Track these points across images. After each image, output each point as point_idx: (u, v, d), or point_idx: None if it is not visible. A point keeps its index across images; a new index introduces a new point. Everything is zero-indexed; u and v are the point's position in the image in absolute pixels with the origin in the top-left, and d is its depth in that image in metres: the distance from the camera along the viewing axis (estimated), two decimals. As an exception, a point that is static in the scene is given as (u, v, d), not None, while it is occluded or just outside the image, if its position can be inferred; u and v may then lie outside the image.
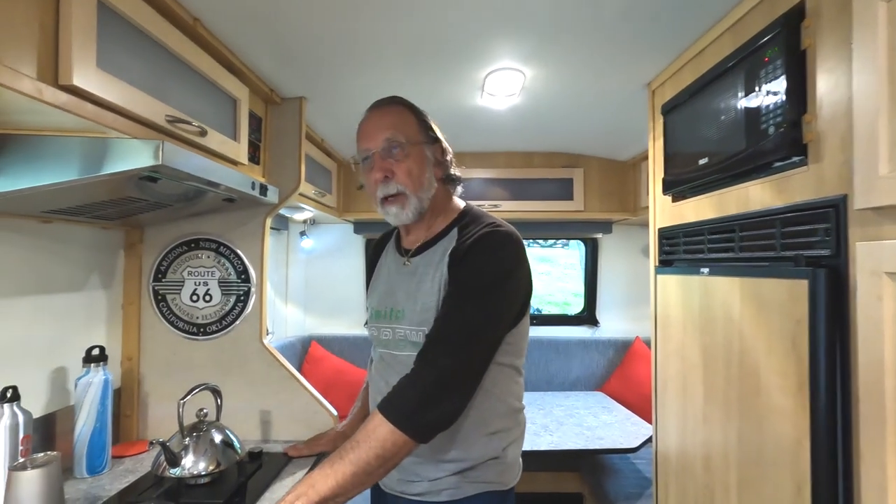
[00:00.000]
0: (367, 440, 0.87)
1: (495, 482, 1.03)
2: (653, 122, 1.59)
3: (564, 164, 2.68)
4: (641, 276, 3.13)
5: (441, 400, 0.90)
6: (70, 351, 1.32)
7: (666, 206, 1.52)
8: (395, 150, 1.02)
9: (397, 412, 0.89)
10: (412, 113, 1.07)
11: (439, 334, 0.94)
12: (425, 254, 1.07)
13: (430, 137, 1.07)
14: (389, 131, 1.02)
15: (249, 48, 1.31)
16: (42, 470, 0.97)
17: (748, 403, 1.05)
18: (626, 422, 2.28)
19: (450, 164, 1.11)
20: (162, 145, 0.88)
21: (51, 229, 1.25)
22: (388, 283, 1.13)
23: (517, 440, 1.09)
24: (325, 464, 0.87)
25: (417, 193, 1.03)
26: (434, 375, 0.90)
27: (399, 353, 1.05)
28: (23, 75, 0.69)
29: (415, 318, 1.02)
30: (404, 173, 1.02)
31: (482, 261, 0.97)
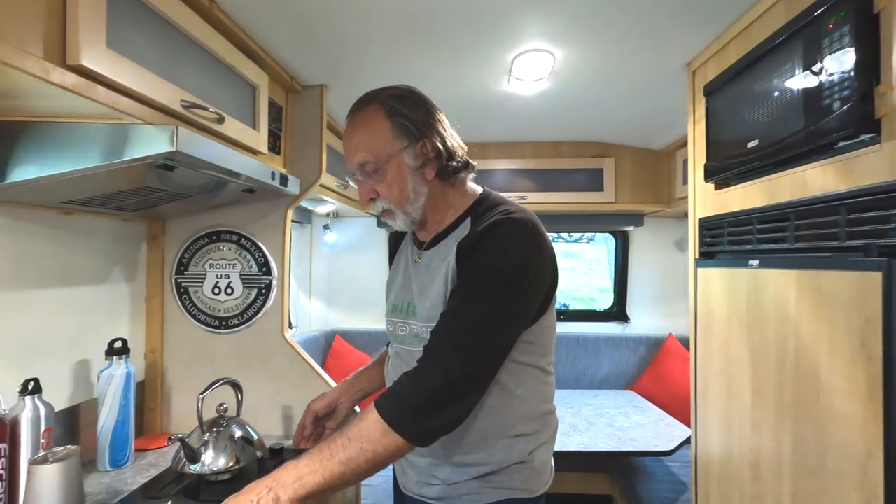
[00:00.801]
0: (360, 440, 0.80)
1: (520, 489, 0.94)
2: (693, 105, 1.49)
3: (594, 153, 2.58)
4: (675, 270, 3.01)
5: (444, 405, 0.83)
6: (93, 343, 1.31)
7: (707, 195, 1.41)
8: (371, 173, 0.96)
9: (395, 413, 0.81)
10: (386, 116, 0.95)
11: (446, 333, 0.87)
12: (437, 247, 1.00)
13: (410, 138, 0.95)
14: (359, 154, 0.95)
15: (268, 32, 1.26)
16: (62, 464, 0.96)
17: (805, 408, 0.96)
18: (659, 423, 2.18)
19: (445, 156, 0.97)
20: (176, 130, 0.84)
21: (72, 221, 1.24)
22: (404, 278, 1.07)
23: (546, 444, 0.99)
24: (314, 455, 0.81)
25: (403, 208, 0.97)
26: (438, 378, 0.82)
27: (413, 349, 0.99)
28: (28, 54, 0.66)
29: (424, 315, 0.96)
30: (385, 191, 0.96)
31: (493, 252, 0.88)
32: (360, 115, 0.97)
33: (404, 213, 0.98)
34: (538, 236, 0.90)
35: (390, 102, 0.96)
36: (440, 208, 1.01)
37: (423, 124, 0.96)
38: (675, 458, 2.28)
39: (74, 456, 0.99)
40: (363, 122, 0.96)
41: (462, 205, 1.01)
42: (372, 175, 0.96)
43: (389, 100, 0.96)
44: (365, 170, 0.96)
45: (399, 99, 0.96)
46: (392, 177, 0.95)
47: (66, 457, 0.97)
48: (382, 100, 0.96)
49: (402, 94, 0.98)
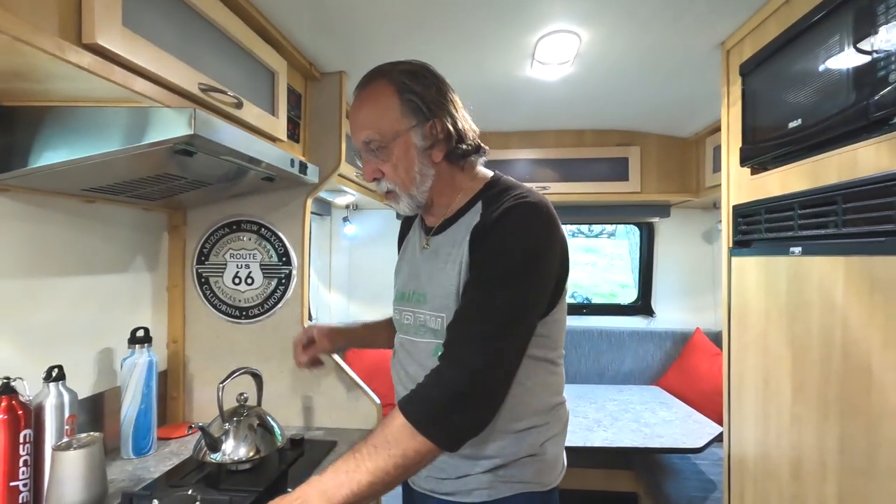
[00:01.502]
0: (388, 446, 0.76)
1: (533, 482, 0.92)
2: (727, 87, 1.42)
3: (619, 142, 2.50)
4: (702, 263, 2.91)
5: (470, 403, 0.79)
6: (116, 332, 1.31)
7: (743, 181, 1.35)
8: (376, 151, 0.92)
9: (421, 414, 0.78)
10: (395, 92, 0.90)
11: (465, 328, 0.83)
12: (446, 232, 0.95)
13: (420, 117, 0.90)
14: (365, 131, 0.91)
15: (287, 16, 1.24)
16: (85, 450, 0.96)
17: (854, 403, 0.90)
18: (687, 419, 2.11)
19: (455, 138, 0.92)
20: (194, 113, 0.83)
21: (94, 209, 1.24)
22: (412, 264, 1.03)
23: (557, 436, 0.96)
24: (339, 466, 0.76)
25: (408, 190, 0.93)
26: (462, 376, 0.79)
27: (418, 340, 0.96)
28: (43, 30, 0.64)
29: (435, 303, 0.92)
30: (391, 171, 0.92)
31: (509, 239, 0.84)
32: (367, 90, 0.92)
33: (409, 195, 0.94)
34: (552, 220, 0.87)
35: (401, 78, 0.90)
36: (447, 192, 0.97)
37: (434, 103, 0.91)
38: (703, 457, 2.21)
39: (97, 443, 0.99)
40: (371, 97, 0.92)
41: (471, 189, 0.96)
42: (377, 153, 0.91)
43: (400, 75, 0.91)
44: (370, 147, 0.92)
45: (411, 75, 0.91)
46: (398, 156, 0.90)
47: (89, 443, 0.98)
48: (393, 75, 0.91)
49: (414, 69, 0.92)
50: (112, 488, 1.08)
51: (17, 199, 1.04)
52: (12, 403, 0.95)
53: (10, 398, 0.94)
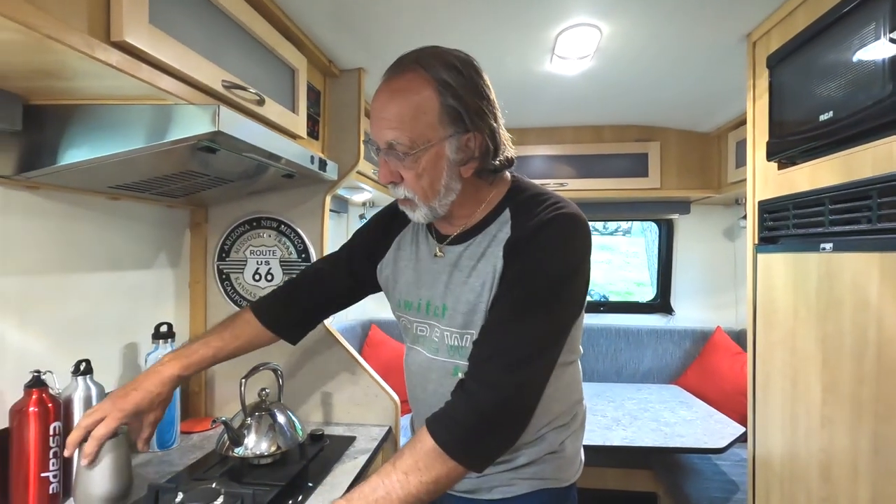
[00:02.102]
0: (419, 472, 0.72)
1: (552, 478, 0.91)
2: (753, 80, 1.39)
3: (638, 137, 2.46)
4: (723, 260, 2.86)
5: (502, 427, 0.76)
6: (140, 327, 1.33)
7: (769, 176, 1.31)
8: (399, 156, 0.79)
9: (453, 440, 0.73)
10: (435, 93, 0.77)
11: (497, 349, 0.77)
12: (469, 243, 0.88)
13: (458, 127, 0.79)
14: (393, 132, 0.78)
15: (307, 13, 1.24)
16: (110, 442, 0.97)
17: (890, 404, 0.87)
18: (708, 419, 2.07)
19: (491, 154, 0.82)
20: (218, 109, 0.83)
21: (120, 207, 1.26)
22: (416, 272, 0.95)
23: (576, 432, 0.96)
24: (368, 494, 0.72)
25: (429, 203, 0.84)
26: (494, 401, 0.74)
27: (437, 358, 0.91)
28: (73, 28, 0.65)
29: (457, 320, 0.86)
30: (412, 180, 0.81)
31: (547, 257, 0.78)
32: (402, 81, 0.79)
33: (428, 207, 0.84)
34: (588, 233, 0.83)
35: (444, 75, 0.77)
36: (470, 204, 0.89)
37: (476, 113, 0.79)
38: (724, 457, 2.17)
39: (123, 434, 1.00)
40: (405, 92, 0.78)
41: (494, 197, 0.89)
42: (401, 158, 0.80)
43: (444, 71, 0.77)
44: (394, 150, 0.79)
45: (455, 72, 0.78)
46: (425, 167, 0.79)
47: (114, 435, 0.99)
48: (435, 69, 0.78)
49: (459, 65, 0.79)
50: (138, 480, 1.10)
51: (46, 196, 1.06)
52: (42, 396, 0.97)
53: (40, 391, 0.96)
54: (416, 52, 0.81)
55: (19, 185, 0.98)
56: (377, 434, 1.40)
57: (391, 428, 1.47)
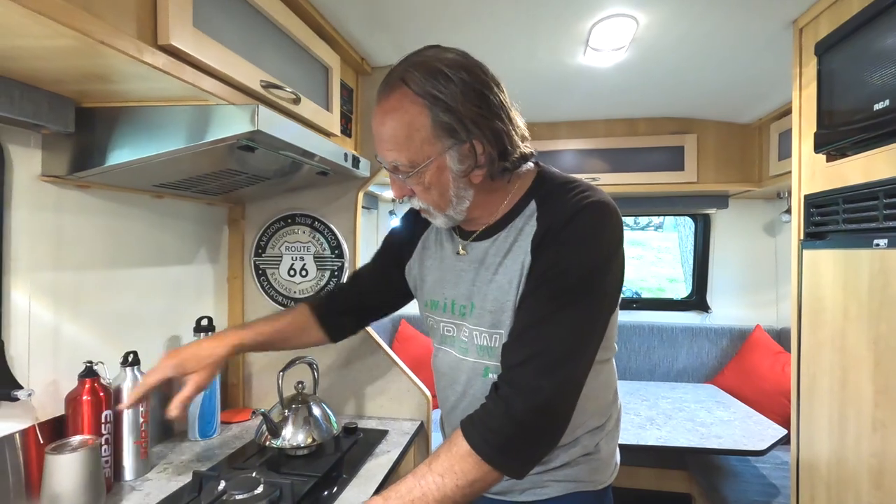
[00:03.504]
0: (454, 476, 0.71)
1: (586, 481, 0.88)
2: (799, 68, 1.33)
3: (673, 130, 2.39)
4: (763, 256, 2.76)
5: (539, 432, 0.73)
6: (182, 320, 1.38)
7: (817, 168, 1.26)
8: (404, 175, 0.79)
9: (488, 445, 0.72)
10: (424, 109, 0.74)
11: (529, 350, 0.74)
12: (494, 239, 0.85)
13: (455, 138, 0.75)
14: (392, 154, 0.78)
15: (340, 11, 1.26)
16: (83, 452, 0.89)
17: (951, 410, 0.82)
18: (747, 420, 2.01)
19: (498, 157, 0.78)
20: (257, 109, 0.85)
21: (163, 204, 1.31)
22: (441, 270, 0.94)
23: (611, 432, 0.93)
24: (404, 495, 0.71)
25: (444, 211, 0.83)
26: (529, 406, 0.71)
27: (465, 359, 0.89)
28: (124, 34, 0.67)
29: (485, 319, 0.84)
30: (422, 194, 0.81)
31: (579, 249, 0.75)
32: (391, 101, 0.76)
33: (445, 216, 0.84)
34: (620, 222, 0.79)
35: (429, 88, 0.73)
36: (490, 203, 0.85)
37: (472, 120, 0.75)
38: (764, 460, 2.10)
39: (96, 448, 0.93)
40: (395, 113, 0.76)
41: (518, 190, 0.85)
42: (406, 177, 0.80)
43: (431, 83, 0.73)
44: (398, 170, 0.80)
45: (442, 80, 0.73)
46: (430, 181, 0.79)
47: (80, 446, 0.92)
48: (420, 83, 0.73)
49: (449, 71, 0.74)
50: (182, 467, 1.15)
51: (96, 195, 1.10)
52: (95, 386, 1.02)
53: (92, 381, 1.01)
54: (402, 66, 0.77)
55: (72, 184, 1.03)
56: (409, 428, 1.41)
57: (423, 423, 1.48)
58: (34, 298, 0.97)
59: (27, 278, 0.95)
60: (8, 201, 0.92)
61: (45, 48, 0.68)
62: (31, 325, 0.96)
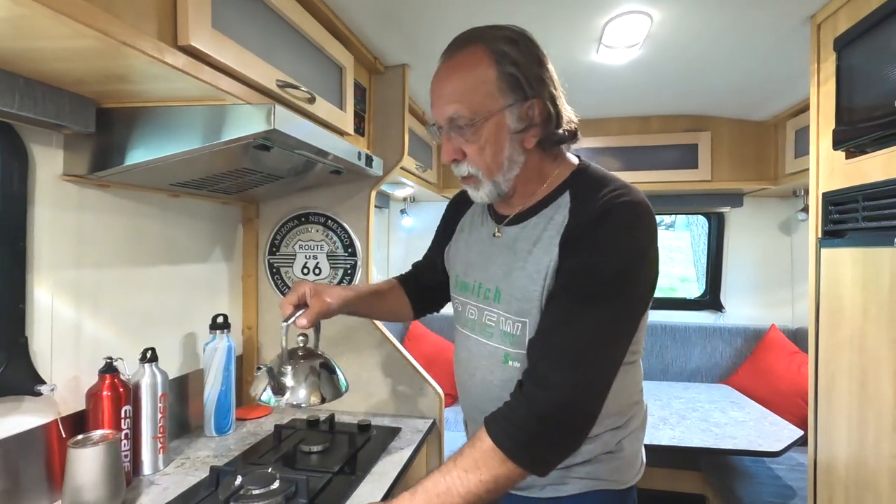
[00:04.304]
0: (478, 471, 0.72)
1: (607, 479, 0.87)
2: (817, 64, 1.31)
3: (687, 127, 2.37)
4: (778, 255, 2.73)
5: (562, 430, 0.73)
6: (198, 318, 1.40)
7: (835, 165, 1.24)
8: (462, 129, 0.80)
9: (511, 441, 0.72)
10: (493, 63, 0.78)
11: (555, 348, 0.74)
12: (525, 224, 0.86)
13: (518, 95, 0.79)
14: (453, 106, 0.79)
15: (354, 11, 1.26)
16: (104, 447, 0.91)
17: (975, 411, 0.81)
18: (762, 420, 1.99)
19: (552, 122, 0.81)
20: (274, 108, 0.86)
21: (179, 203, 1.32)
22: (477, 253, 0.95)
23: (636, 432, 0.91)
24: (430, 489, 0.72)
25: (493, 177, 0.83)
26: (554, 403, 0.71)
27: (487, 343, 0.89)
28: (144, 34, 0.68)
29: (512, 306, 0.84)
30: (475, 154, 0.81)
31: (609, 248, 0.74)
32: (460, 57, 0.80)
33: (492, 182, 0.83)
34: (654, 222, 0.78)
35: (501, 46, 0.78)
36: (533, 181, 0.86)
37: (535, 79, 0.79)
38: (779, 461, 2.08)
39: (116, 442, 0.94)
40: (463, 66, 0.79)
41: (557, 177, 0.86)
42: (463, 132, 0.80)
43: (500, 42, 0.79)
44: (456, 125, 0.80)
45: (512, 43, 0.79)
46: (487, 139, 0.80)
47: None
48: (491, 41, 0.79)
49: (515, 37, 0.80)
50: (199, 463, 1.16)
51: (115, 194, 1.12)
52: (115, 381, 1.03)
53: (112, 377, 1.03)
54: (470, 30, 0.82)
55: (92, 183, 1.05)
56: (422, 426, 1.42)
57: (435, 421, 1.48)
58: (56, 296, 0.99)
59: (50, 276, 0.97)
60: (31, 200, 0.94)
61: (67, 49, 0.69)
62: (53, 322, 0.98)
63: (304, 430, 1.33)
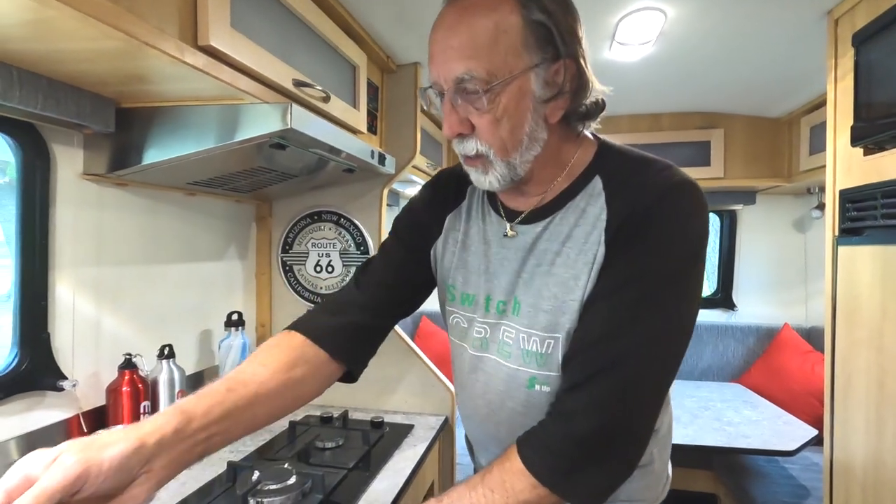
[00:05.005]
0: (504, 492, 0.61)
1: (637, 500, 0.75)
2: (835, 59, 1.29)
3: (699, 124, 2.35)
4: (792, 253, 2.70)
5: (608, 457, 0.61)
6: (213, 315, 1.42)
7: (853, 162, 1.22)
8: (473, 94, 0.62)
9: (544, 468, 0.60)
10: (516, 5, 0.60)
11: (604, 363, 0.61)
12: (548, 221, 0.69)
13: (549, 52, 0.61)
14: (462, 63, 0.60)
15: (368, 9, 1.27)
16: None
17: None
18: (776, 420, 1.97)
19: (583, 91, 0.65)
20: (291, 107, 0.87)
21: (195, 202, 1.34)
22: (480, 257, 0.76)
23: (664, 439, 0.79)
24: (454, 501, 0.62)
25: (508, 158, 0.65)
26: (596, 424, 0.60)
27: (504, 363, 0.72)
28: (167, 35, 0.69)
29: (539, 320, 0.68)
30: (488, 128, 0.64)
31: (671, 240, 0.61)
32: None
33: (507, 164, 0.66)
34: (707, 205, 0.65)
35: None
36: (550, 164, 0.69)
37: (569, 33, 0.62)
38: (793, 461, 2.06)
39: None
40: (479, 8, 0.60)
41: (579, 160, 0.70)
42: (473, 99, 0.62)
43: None
44: (465, 88, 0.61)
45: None
46: (506, 107, 0.62)
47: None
48: None
49: None
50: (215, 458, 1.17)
51: (134, 192, 1.14)
52: (134, 377, 1.05)
53: (131, 372, 1.05)
54: None
55: (111, 182, 1.06)
56: (434, 423, 1.43)
57: (447, 418, 1.49)
58: (78, 293, 1.00)
59: (71, 273, 0.99)
60: (53, 199, 0.95)
61: (91, 50, 0.70)
62: (75, 319, 1.00)
63: (317, 426, 1.35)
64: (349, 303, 0.82)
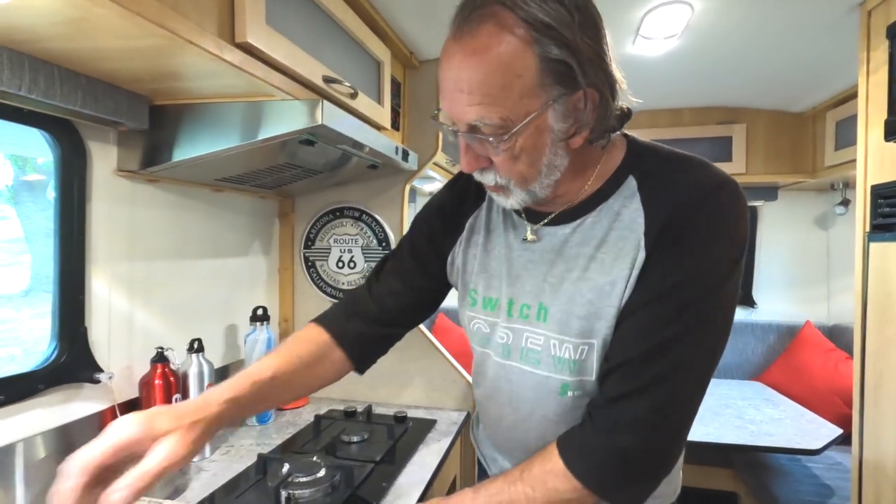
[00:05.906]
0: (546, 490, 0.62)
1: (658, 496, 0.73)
2: (867, 52, 1.27)
3: (721, 119, 2.32)
4: (814, 250, 2.66)
5: (648, 470, 0.62)
6: (239, 310, 1.43)
7: (886, 157, 1.20)
8: (488, 139, 0.59)
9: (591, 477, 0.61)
10: (529, 44, 0.54)
11: (647, 378, 0.59)
12: (579, 224, 0.67)
13: (567, 85, 0.57)
14: (477, 109, 0.56)
15: (393, 4, 1.27)
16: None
17: None
18: (799, 418, 1.95)
19: (608, 110, 0.61)
20: (322, 104, 0.87)
21: (221, 198, 1.35)
22: (503, 261, 0.74)
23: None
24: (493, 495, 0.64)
25: (528, 186, 0.64)
26: (640, 442, 0.60)
27: (534, 371, 0.70)
28: (207, 32, 0.70)
29: (572, 326, 0.65)
30: (505, 165, 0.62)
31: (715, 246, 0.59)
32: (480, 33, 0.55)
33: (527, 191, 0.65)
34: (746, 201, 0.63)
35: (537, 12, 0.54)
36: (579, 177, 0.67)
37: (591, 59, 0.57)
38: (815, 460, 2.04)
39: None
40: (487, 49, 0.55)
41: (609, 161, 0.67)
42: (489, 141, 0.59)
43: (538, 7, 0.54)
44: (479, 133, 0.59)
45: (552, 4, 0.54)
46: (524, 146, 0.59)
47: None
48: (523, 7, 0.54)
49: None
50: (243, 451, 1.20)
51: (164, 189, 1.15)
52: (165, 371, 1.07)
53: (163, 366, 1.07)
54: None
55: (143, 178, 1.08)
56: (456, 418, 1.43)
57: (469, 412, 1.49)
58: (113, 288, 1.02)
59: (106, 268, 1.00)
60: (89, 195, 0.97)
61: (131, 48, 0.71)
62: (110, 313, 1.01)
63: (342, 420, 1.36)
64: (360, 313, 0.86)
